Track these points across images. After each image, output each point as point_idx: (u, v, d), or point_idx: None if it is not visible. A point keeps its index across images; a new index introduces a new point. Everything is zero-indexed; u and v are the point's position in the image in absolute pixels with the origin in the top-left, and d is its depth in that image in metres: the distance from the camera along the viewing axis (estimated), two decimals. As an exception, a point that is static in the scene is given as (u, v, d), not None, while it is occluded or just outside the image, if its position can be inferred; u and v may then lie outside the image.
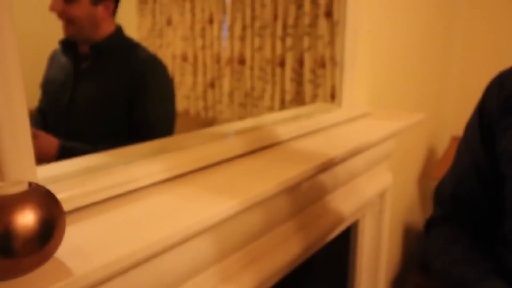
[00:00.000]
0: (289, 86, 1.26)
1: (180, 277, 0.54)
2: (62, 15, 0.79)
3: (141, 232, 0.43)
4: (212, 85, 1.38)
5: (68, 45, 0.84)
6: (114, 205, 0.50)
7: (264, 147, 0.75)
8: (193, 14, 1.41)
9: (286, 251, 0.71)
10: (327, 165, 0.69)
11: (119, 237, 0.42)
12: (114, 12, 0.86)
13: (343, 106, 0.98)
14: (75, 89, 0.84)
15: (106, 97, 0.84)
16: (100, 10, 0.82)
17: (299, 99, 1.28)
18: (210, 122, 1.35)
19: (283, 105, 1.28)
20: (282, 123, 0.86)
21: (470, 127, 0.63)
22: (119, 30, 0.88)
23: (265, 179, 0.60)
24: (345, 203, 0.83)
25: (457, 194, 0.64)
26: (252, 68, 1.30)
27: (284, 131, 0.80)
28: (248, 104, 1.31)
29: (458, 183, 0.64)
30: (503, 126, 0.55)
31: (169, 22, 1.43)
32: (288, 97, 1.27)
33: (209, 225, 0.49)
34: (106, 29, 0.84)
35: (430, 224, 0.69)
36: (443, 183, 0.68)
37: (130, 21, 1.47)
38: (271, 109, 1.30)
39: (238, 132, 0.77)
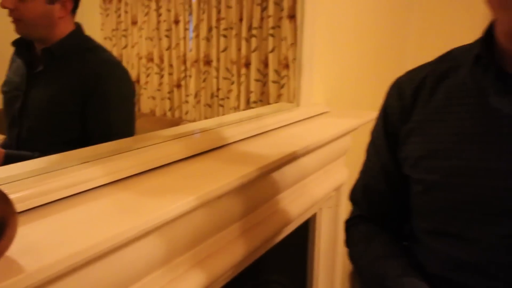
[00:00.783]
0: (254, 86, 1.29)
1: (132, 275, 0.55)
2: (14, 12, 0.73)
3: (93, 231, 0.44)
4: (178, 85, 1.38)
5: (22, 45, 0.78)
6: (66, 206, 0.51)
7: (217, 148, 0.76)
8: (158, 14, 1.40)
9: (238, 250, 0.73)
10: (276, 165, 0.71)
11: (71, 236, 0.43)
12: (73, 11, 0.80)
13: (302, 106, 1.02)
14: (28, 94, 0.78)
15: (58, 104, 0.78)
16: (56, 8, 0.76)
17: (264, 99, 1.31)
18: (176, 123, 1.35)
19: (248, 105, 1.30)
20: (240, 123, 0.87)
21: (375, 131, 0.67)
22: (77, 30, 0.81)
23: (214, 179, 0.61)
24: (300, 199, 0.85)
25: (368, 195, 0.69)
26: (217, 69, 1.32)
27: (238, 132, 0.81)
28: (214, 104, 1.33)
29: (369, 185, 0.69)
30: (404, 133, 0.60)
31: (134, 22, 1.42)
32: (253, 97, 1.30)
33: (161, 222, 0.51)
34: (63, 29, 0.78)
35: (348, 224, 0.73)
36: (357, 184, 0.72)
37: (93, 20, 1.45)
38: (237, 109, 1.32)
39: (191, 133, 0.78)
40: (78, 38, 0.82)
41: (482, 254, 0.50)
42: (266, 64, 1.28)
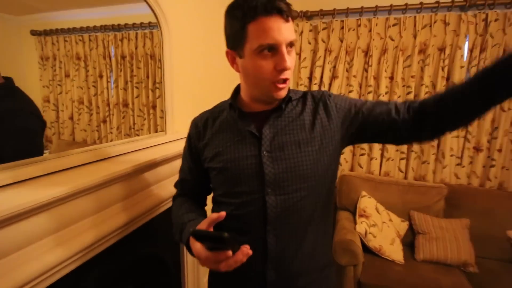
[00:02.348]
0: (159, 121, 1.87)
1: (20, 242, 0.84)
2: None
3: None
4: (104, 121, 1.87)
5: None
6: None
7: (109, 157, 1.29)
8: (86, 70, 1.89)
9: (120, 219, 1.12)
10: (142, 166, 1.24)
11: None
12: None
13: (168, 133, 1.65)
14: None
15: None
16: None
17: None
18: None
19: (156, 133, 1.87)
20: (126, 143, 1.44)
21: (185, 146, 1.15)
22: (7, 83, 1.05)
23: (93, 176, 1.04)
24: (165, 190, 1.41)
25: (183, 182, 1.18)
26: (133, 110, 1.86)
27: (124, 148, 1.37)
28: (132, 134, 1.86)
29: (183, 177, 1.18)
30: (202, 146, 1.07)
31: (67, 75, 1.88)
32: (159, 128, 1.88)
33: (42, 203, 0.85)
34: None
35: (173, 198, 1.21)
36: (179, 177, 1.20)
37: (33, 72, 1.87)
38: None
39: (92, 149, 1.29)
40: (6, 89, 1.09)
41: (245, 197, 0.98)
42: (167, 107, 1.87)
